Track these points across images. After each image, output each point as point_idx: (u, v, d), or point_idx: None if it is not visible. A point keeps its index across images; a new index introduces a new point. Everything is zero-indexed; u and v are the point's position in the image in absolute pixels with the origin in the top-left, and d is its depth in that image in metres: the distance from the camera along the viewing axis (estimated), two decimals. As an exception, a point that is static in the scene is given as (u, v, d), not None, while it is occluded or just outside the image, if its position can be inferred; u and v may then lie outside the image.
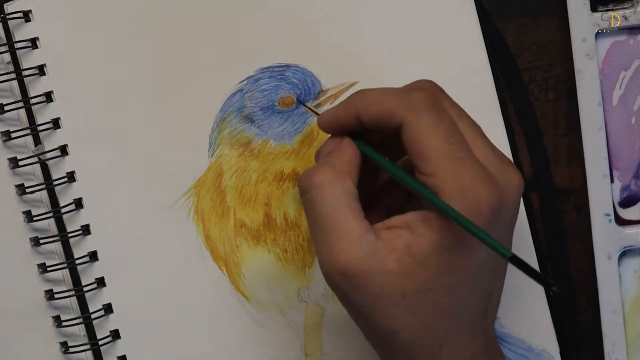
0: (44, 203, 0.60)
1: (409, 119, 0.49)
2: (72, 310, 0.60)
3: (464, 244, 0.49)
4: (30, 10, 0.59)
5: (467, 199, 0.48)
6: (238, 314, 0.60)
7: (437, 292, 0.49)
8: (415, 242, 0.49)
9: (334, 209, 0.50)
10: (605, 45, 0.60)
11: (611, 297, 0.60)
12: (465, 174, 0.48)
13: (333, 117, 0.52)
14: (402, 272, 0.49)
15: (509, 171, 0.50)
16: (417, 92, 0.50)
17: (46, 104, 0.60)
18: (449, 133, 0.49)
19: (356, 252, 0.49)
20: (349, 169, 0.51)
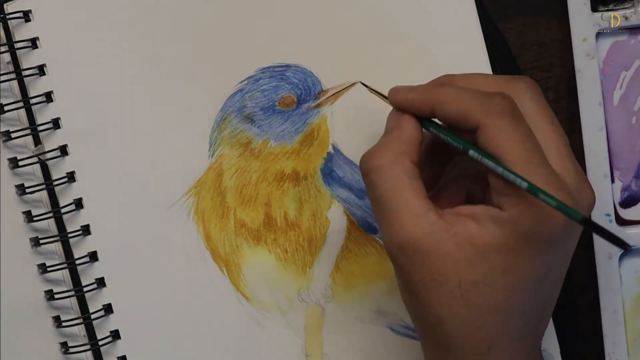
0: (44, 203, 0.60)
1: (486, 122, 0.49)
2: (72, 310, 0.60)
3: (530, 250, 0.48)
4: (30, 10, 0.59)
5: (541, 204, 0.48)
6: (238, 314, 0.60)
7: (494, 290, 0.49)
8: (479, 234, 0.49)
9: (393, 190, 0.50)
10: (606, 45, 0.60)
11: (612, 298, 0.60)
12: (538, 178, 0.48)
13: (407, 101, 0.52)
14: (461, 258, 0.49)
15: (584, 187, 0.51)
16: (497, 99, 0.50)
17: (46, 104, 0.60)
18: (525, 139, 0.49)
19: (416, 229, 0.49)
20: (407, 148, 0.51)
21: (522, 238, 0.48)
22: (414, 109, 0.52)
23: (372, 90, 0.58)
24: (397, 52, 0.60)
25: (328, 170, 0.60)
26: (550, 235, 0.48)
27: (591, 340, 0.61)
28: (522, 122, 0.50)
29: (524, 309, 0.50)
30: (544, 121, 0.51)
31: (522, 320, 0.50)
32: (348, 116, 0.60)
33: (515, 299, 0.49)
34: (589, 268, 0.60)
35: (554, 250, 0.49)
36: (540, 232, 0.48)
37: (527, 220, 0.48)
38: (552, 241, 0.49)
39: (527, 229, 0.48)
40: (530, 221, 0.48)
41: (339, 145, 0.60)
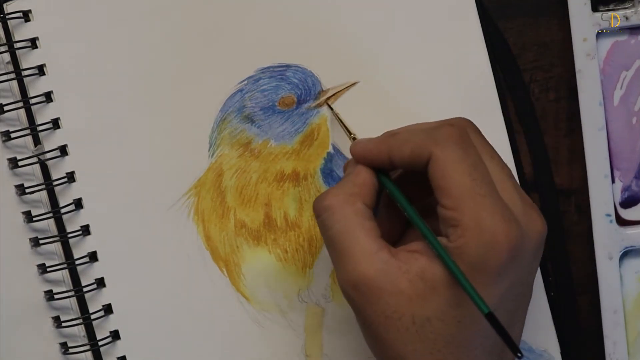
0: (43, 203, 0.60)
1: (436, 152, 0.50)
2: (71, 310, 0.60)
3: (478, 281, 0.49)
4: (30, 10, 0.59)
5: (484, 234, 0.48)
6: (238, 314, 0.60)
7: (447, 324, 0.49)
8: (430, 268, 0.49)
9: (345, 229, 0.51)
10: (606, 45, 0.60)
11: (612, 298, 0.60)
12: (484, 210, 0.49)
13: (365, 151, 0.53)
14: (413, 295, 0.49)
15: (533, 216, 0.51)
16: (446, 128, 0.51)
17: (46, 104, 0.60)
18: (473, 169, 0.49)
19: (368, 268, 0.50)
20: (360, 190, 0.52)
21: (468, 269, 0.48)
22: (372, 158, 0.52)
23: (336, 115, 0.59)
24: (397, 52, 0.60)
25: (328, 171, 0.60)
26: (496, 266, 0.49)
27: (591, 341, 0.61)
28: (470, 149, 0.50)
29: (481, 340, 0.50)
30: (485, 156, 0.51)
31: (481, 351, 0.50)
32: (348, 116, 0.60)
33: (469, 331, 0.50)
34: (589, 268, 0.60)
35: (503, 279, 0.49)
36: (485, 263, 0.49)
37: (472, 252, 0.48)
38: (498, 272, 0.49)
39: (472, 260, 0.48)
40: (475, 252, 0.48)
41: (339, 146, 0.60)
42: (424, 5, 0.60)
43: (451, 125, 0.51)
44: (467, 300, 0.49)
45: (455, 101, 0.60)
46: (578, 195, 0.61)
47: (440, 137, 0.50)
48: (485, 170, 0.50)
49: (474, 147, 0.51)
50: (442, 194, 0.49)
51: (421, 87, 0.60)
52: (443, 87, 0.60)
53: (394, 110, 0.59)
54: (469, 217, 0.49)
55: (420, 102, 0.60)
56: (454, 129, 0.51)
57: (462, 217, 0.49)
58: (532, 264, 0.52)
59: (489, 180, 0.50)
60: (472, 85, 0.60)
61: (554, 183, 0.61)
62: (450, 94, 0.60)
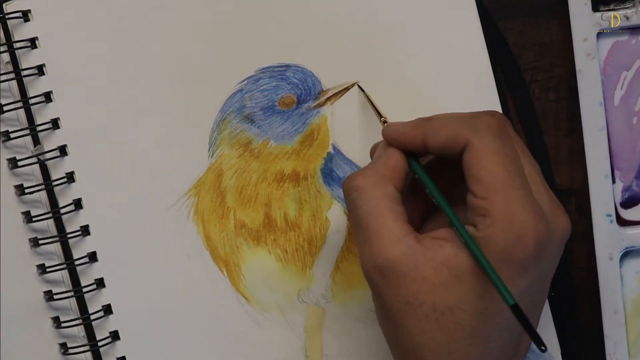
0: (43, 204, 0.60)
1: (473, 140, 0.50)
2: (71, 311, 0.60)
3: (503, 273, 0.48)
4: (30, 10, 0.59)
5: (513, 226, 0.48)
6: (238, 314, 0.60)
7: (469, 314, 0.49)
8: (455, 256, 0.49)
9: (374, 211, 0.50)
10: (607, 45, 0.59)
11: (612, 298, 0.60)
12: (516, 202, 0.49)
13: (399, 134, 0.52)
14: (437, 282, 0.49)
15: (559, 214, 0.51)
16: (485, 117, 0.51)
17: (45, 104, 0.59)
18: (509, 161, 0.49)
19: (393, 252, 0.49)
20: (391, 173, 0.52)
21: (494, 260, 0.48)
22: (405, 142, 0.52)
23: (367, 97, 0.58)
24: (398, 52, 0.60)
25: (328, 171, 0.60)
26: (522, 258, 0.49)
27: (592, 341, 0.61)
28: (508, 142, 0.50)
29: (499, 333, 0.50)
30: (518, 151, 0.51)
31: (499, 344, 0.50)
32: (348, 116, 0.60)
33: (490, 323, 0.49)
34: (589, 269, 0.60)
35: (527, 273, 0.49)
36: (512, 254, 0.49)
37: (499, 242, 0.48)
38: (524, 264, 0.49)
39: (499, 251, 0.48)
40: (502, 243, 0.48)
41: (339, 146, 0.60)
42: (424, 5, 0.59)
43: (491, 115, 0.51)
44: (491, 291, 0.49)
45: (456, 101, 0.59)
46: (578, 196, 0.61)
47: (480, 125, 0.50)
48: (519, 163, 0.50)
49: (511, 140, 0.51)
50: (474, 182, 0.49)
51: (421, 87, 0.60)
52: (443, 87, 0.60)
53: (394, 110, 0.59)
54: (500, 208, 0.48)
55: (420, 102, 0.60)
56: (494, 119, 0.51)
57: (493, 207, 0.49)
58: (554, 261, 0.52)
59: (523, 174, 0.50)
60: (472, 85, 0.60)
61: (554, 183, 0.61)
62: (450, 94, 0.60)
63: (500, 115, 0.52)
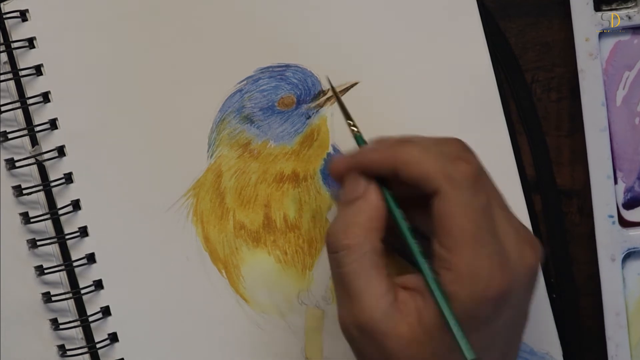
0: (41, 204, 0.60)
1: (446, 189, 0.48)
2: (69, 313, 0.60)
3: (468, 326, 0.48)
4: (27, 10, 0.59)
5: (478, 284, 0.48)
6: (237, 316, 0.60)
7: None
8: (425, 311, 0.49)
9: (359, 270, 0.50)
10: (609, 45, 0.59)
11: (615, 300, 0.60)
12: (483, 260, 0.48)
13: (370, 161, 0.51)
14: (412, 339, 0.49)
15: (525, 253, 0.50)
16: (462, 166, 0.49)
17: (43, 105, 0.59)
18: (480, 216, 0.49)
19: (375, 312, 0.49)
20: (377, 224, 0.51)
21: (461, 316, 0.48)
22: (377, 169, 0.51)
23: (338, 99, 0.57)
24: (398, 52, 0.60)
25: (328, 172, 0.60)
26: (486, 314, 0.48)
27: (594, 343, 0.61)
28: (481, 193, 0.49)
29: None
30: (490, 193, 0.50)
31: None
32: (348, 117, 0.60)
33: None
34: (591, 270, 0.60)
35: (493, 324, 0.49)
36: (477, 311, 0.48)
37: (464, 299, 0.48)
38: (488, 319, 0.49)
39: (465, 309, 0.48)
40: (466, 301, 0.48)
41: (339, 146, 0.60)
42: (425, 5, 0.59)
43: (468, 162, 0.49)
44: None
45: (457, 101, 0.59)
46: (580, 197, 0.60)
47: (455, 174, 0.49)
48: (491, 216, 0.49)
49: (485, 190, 0.50)
50: (442, 232, 0.49)
51: (422, 87, 0.60)
52: (444, 88, 0.59)
53: (394, 111, 0.59)
54: (465, 265, 0.48)
55: (421, 102, 0.59)
56: (470, 168, 0.49)
57: (458, 262, 0.48)
58: (525, 298, 0.51)
59: (493, 227, 0.49)
60: (473, 86, 0.59)
61: (556, 184, 0.60)
62: (451, 94, 0.59)
63: (477, 162, 0.50)
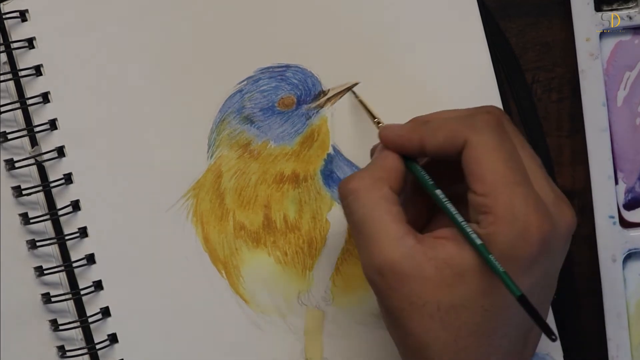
0: (40, 205, 0.60)
1: (472, 138, 0.49)
2: (69, 313, 0.60)
3: (508, 270, 0.48)
4: (27, 10, 0.59)
5: (517, 223, 0.48)
6: (237, 317, 0.60)
7: (473, 312, 0.49)
8: (458, 255, 0.49)
9: (370, 213, 0.50)
10: (610, 45, 0.59)
11: (615, 301, 0.59)
12: (519, 199, 0.48)
13: (396, 137, 0.52)
14: (439, 281, 0.49)
15: (563, 207, 0.51)
16: (482, 114, 0.50)
17: (43, 105, 0.59)
18: (509, 157, 0.49)
19: (393, 253, 0.49)
20: (387, 175, 0.51)
21: (499, 258, 0.48)
22: (403, 144, 0.52)
23: (360, 101, 0.58)
24: (398, 52, 0.59)
25: (328, 172, 0.60)
26: (526, 255, 0.48)
27: (595, 344, 0.60)
28: (507, 137, 0.50)
29: (506, 330, 0.50)
30: (517, 146, 0.51)
31: (506, 341, 0.50)
32: (349, 117, 0.59)
33: (495, 321, 0.49)
34: (592, 271, 0.60)
35: (532, 271, 0.49)
36: (516, 252, 0.48)
37: (503, 240, 0.48)
38: (529, 262, 0.49)
39: (503, 249, 0.48)
40: (506, 241, 0.48)
41: (340, 147, 0.60)
42: (425, 5, 0.59)
43: (488, 112, 0.51)
44: (495, 288, 0.48)
45: (457, 101, 0.59)
46: (581, 197, 0.60)
47: (477, 123, 0.50)
48: (519, 159, 0.50)
49: (510, 135, 0.50)
50: (475, 180, 0.49)
51: (422, 87, 0.59)
52: (444, 88, 0.59)
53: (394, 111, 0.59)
54: (502, 205, 0.48)
55: (421, 103, 0.59)
56: (491, 116, 0.50)
57: (495, 205, 0.48)
58: (560, 257, 0.51)
59: (523, 169, 0.49)
60: (473, 86, 0.59)
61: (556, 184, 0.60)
62: (451, 94, 0.59)
63: (498, 110, 0.52)
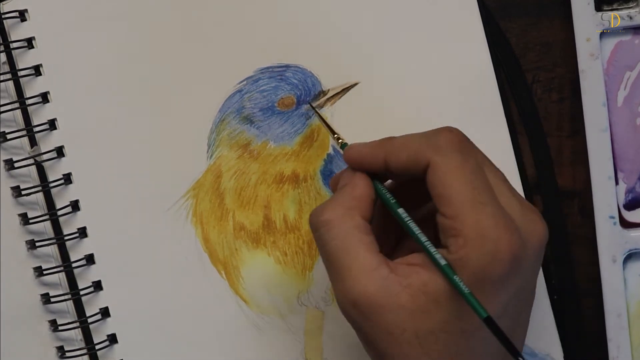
0: (40, 205, 0.59)
1: (435, 159, 0.49)
2: (68, 314, 0.60)
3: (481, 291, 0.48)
4: (26, 10, 0.59)
5: (487, 244, 0.48)
6: (237, 317, 0.60)
7: (451, 335, 0.49)
8: (431, 281, 0.48)
9: (343, 245, 0.50)
10: (610, 45, 0.59)
11: (616, 301, 0.59)
12: (487, 219, 0.48)
13: (360, 155, 0.52)
14: (415, 309, 0.48)
15: (533, 220, 0.50)
16: (445, 134, 0.50)
17: (42, 105, 0.59)
18: (474, 177, 0.49)
19: (368, 285, 0.49)
20: (358, 203, 0.51)
21: (471, 280, 0.48)
22: (368, 162, 0.51)
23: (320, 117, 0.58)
24: (398, 52, 0.59)
25: (328, 172, 0.60)
26: (498, 275, 0.48)
27: (595, 344, 0.60)
28: (469, 156, 0.49)
29: (485, 348, 0.50)
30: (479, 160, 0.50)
31: (487, 357, 0.50)
32: (348, 117, 0.59)
33: (474, 340, 0.49)
34: (592, 271, 0.60)
35: (506, 289, 0.49)
36: (487, 273, 0.48)
37: (474, 262, 0.48)
38: (501, 281, 0.48)
39: (475, 271, 0.48)
40: (477, 263, 0.48)
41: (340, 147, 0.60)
42: (426, 5, 0.59)
43: (450, 131, 0.50)
44: (469, 310, 0.48)
45: (457, 102, 0.59)
46: (581, 197, 0.60)
47: (440, 143, 0.49)
48: (484, 177, 0.49)
49: (473, 154, 0.50)
50: (442, 202, 0.49)
51: (422, 87, 0.59)
52: (444, 88, 0.59)
53: (395, 111, 0.59)
54: (471, 227, 0.48)
55: (421, 103, 0.59)
56: (454, 135, 0.50)
57: (463, 227, 0.48)
58: (534, 269, 0.51)
59: (489, 187, 0.49)
60: (474, 86, 0.59)
61: (557, 185, 0.60)
62: (451, 94, 0.59)
63: (458, 130, 0.51)
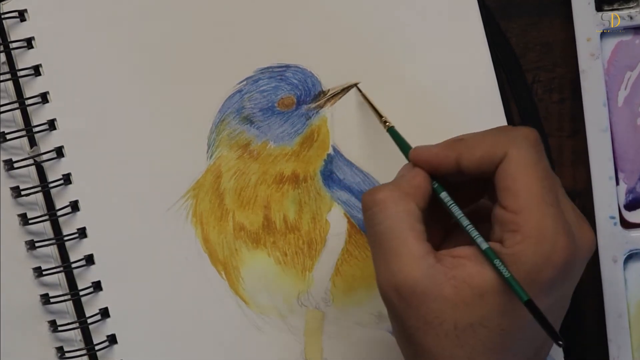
0: (39, 206, 0.59)
1: (512, 151, 0.49)
2: (68, 314, 0.60)
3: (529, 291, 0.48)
4: (26, 10, 0.59)
5: (544, 244, 0.48)
6: (237, 318, 0.60)
7: (490, 331, 0.48)
8: (478, 275, 0.48)
9: (394, 227, 0.49)
10: (611, 45, 0.59)
11: (616, 301, 0.59)
12: (549, 220, 0.48)
13: (432, 155, 0.51)
14: (458, 301, 0.48)
15: (585, 229, 0.51)
16: (524, 129, 0.50)
17: (42, 105, 0.59)
18: (545, 176, 0.49)
19: (414, 272, 0.48)
20: (415, 191, 0.50)
21: (522, 278, 0.48)
22: (439, 163, 0.51)
23: (365, 98, 0.58)
24: (398, 52, 0.59)
25: (328, 172, 0.60)
26: (550, 278, 0.48)
27: (596, 345, 0.60)
28: (543, 155, 0.50)
29: (519, 349, 0.50)
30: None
31: (518, 357, 0.50)
32: (349, 117, 0.59)
33: (511, 339, 0.49)
34: (593, 271, 0.60)
35: (552, 293, 0.49)
36: (540, 274, 0.48)
37: (529, 260, 0.48)
38: (551, 284, 0.48)
39: (528, 270, 0.48)
40: (532, 262, 0.48)
41: (340, 147, 0.60)
42: (426, 5, 0.59)
43: (528, 128, 0.50)
44: (514, 309, 0.48)
45: (457, 102, 0.59)
46: (582, 198, 0.60)
47: (518, 136, 0.49)
48: (553, 178, 0.50)
49: (544, 154, 0.50)
50: (508, 196, 0.49)
51: (423, 88, 0.59)
52: (445, 88, 0.59)
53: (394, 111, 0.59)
54: (532, 225, 0.48)
55: (421, 103, 0.59)
56: (531, 132, 0.50)
57: (525, 223, 0.48)
58: (577, 278, 0.51)
59: (556, 189, 0.49)
60: (474, 86, 0.59)
61: (557, 185, 0.60)
62: (452, 94, 0.59)
63: (535, 130, 0.51)
